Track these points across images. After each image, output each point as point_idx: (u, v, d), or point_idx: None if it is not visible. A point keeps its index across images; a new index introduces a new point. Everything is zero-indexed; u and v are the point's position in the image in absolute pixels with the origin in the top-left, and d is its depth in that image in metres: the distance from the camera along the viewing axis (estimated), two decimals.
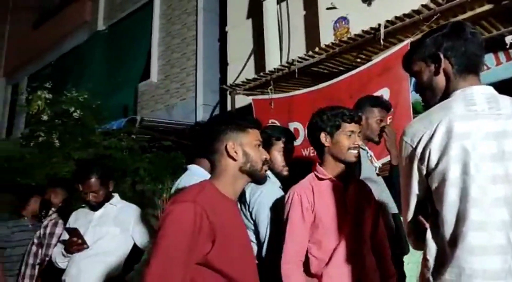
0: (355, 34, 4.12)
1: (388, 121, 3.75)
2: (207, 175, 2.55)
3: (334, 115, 2.06)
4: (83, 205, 2.87)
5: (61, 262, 2.66)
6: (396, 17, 3.82)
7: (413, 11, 3.73)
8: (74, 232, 2.56)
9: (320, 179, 2.06)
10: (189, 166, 2.61)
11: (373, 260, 2.06)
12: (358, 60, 4.54)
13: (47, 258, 3.29)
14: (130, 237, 2.69)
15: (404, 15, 3.79)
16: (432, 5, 3.66)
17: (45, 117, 5.57)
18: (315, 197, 1.99)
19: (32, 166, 5.28)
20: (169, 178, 6.01)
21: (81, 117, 5.67)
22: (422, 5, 3.68)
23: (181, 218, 1.46)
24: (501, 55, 4.36)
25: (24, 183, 5.46)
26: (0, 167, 5.65)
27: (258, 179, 1.69)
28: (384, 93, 3.87)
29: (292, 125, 4.53)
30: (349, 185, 2.06)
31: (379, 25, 3.89)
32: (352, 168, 2.18)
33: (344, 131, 2.04)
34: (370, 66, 4.07)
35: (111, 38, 10.14)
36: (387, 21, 3.86)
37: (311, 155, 4.32)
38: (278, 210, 2.23)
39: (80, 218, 2.73)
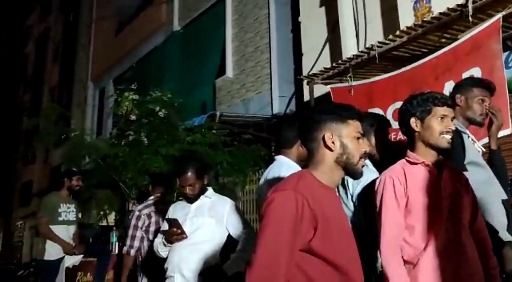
0: (439, 13, 3.91)
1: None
2: (294, 165, 2.59)
3: (424, 100, 1.99)
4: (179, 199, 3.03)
5: (162, 251, 2.84)
6: None
7: None
8: (174, 223, 2.72)
9: (412, 163, 2.00)
10: (277, 157, 2.65)
11: (475, 249, 1.96)
12: (443, 40, 4.32)
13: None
14: (225, 228, 2.80)
15: None
16: None
17: (133, 117, 5.93)
18: (407, 181, 1.94)
19: (125, 163, 5.65)
20: (250, 170, 6.14)
21: (165, 116, 5.95)
22: None
23: (283, 206, 1.50)
24: None
25: (117, 179, 5.87)
26: (97, 165, 6.11)
27: (352, 172, 1.66)
28: (475, 72, 3.66)
29: (373, 111, 4.42)
30: (443, 170, 1.98)
31: (467, 0, 3.67)
32: (446, 154, 2.08)
33: (436, 115, 1.97)
34: (457, 45, 3.86)
35: (186, 38, 10.52)
36: None
37: (392, 140, 4.20)
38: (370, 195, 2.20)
39: (178, 210, 2.89)
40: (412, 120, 2.02)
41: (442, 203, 1.92)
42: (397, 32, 4.23)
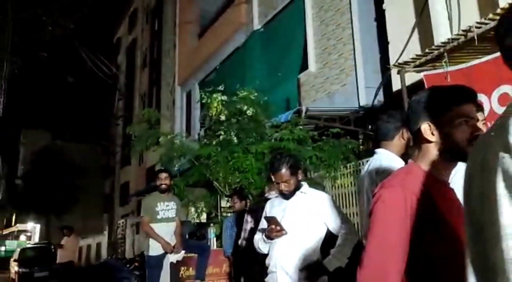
0: None
1: None
2: (395, 157, 2.50)
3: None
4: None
5: (263, 247, 2.89)
6: None
7: None
8: (272, 220, 2.75)
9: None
10: (377, 150, 2.58)
11: None
12: None
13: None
14: (323, 223, 2.78)
15: None
16: None
17: (223, 118, 6.11)
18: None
19: (217, 162, 5.85)
20: (340, 163, 6.06)
21: (253, 114, 6.06)
22: None
23: (391, 203, 1.45)
24: None
25: (211, 178, 6.09)
26: (192, 165, 6.39)
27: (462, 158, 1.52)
28: None
29: None
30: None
31: None
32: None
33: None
34: None
35: (267, 36, 10.61)
36: None
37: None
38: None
39: (275, 206, 2.92)
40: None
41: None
42: (498, 10, 3.91)
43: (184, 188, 6.13)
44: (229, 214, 6.72)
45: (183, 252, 5.13)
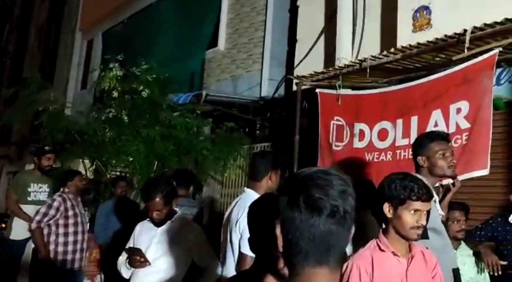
0: (436, 38, 3.78)
1: (464, 138, 3.52)
2: None
3: (402, 187, 1.93)
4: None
5: (125, 272, 2.83)
6: (485, 24, 3.46)
7: (507, 19, 3.35)
8: (136, 252, 2.69)
9: (382, 250, 1.98)
10: (246, 189, 2.79)
11: None
12: (437, 59, 4.21)
13: None
14: (190, 255, 2.78)
15: (496, 23, 3.41)
16: None
17: (115, 94, 5.77)
18: (374, 270, 1.92)
19: (103, 142, 5.54)
20: (231, 158, 6.11)
21: (149, 95, 5.81)
22: None
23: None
24: None
25: (95, 156, 5.77)
26: (73, 139, 5.88)
27: None
28: (463, 106, 3.60)
29: (358, 127, 4.37)
30: (412, 259, 1.96)
31: (465, 30, 3.54)
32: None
33: (409, 208, 1.92)
34: (449, 74, 3.77)
35: (182, 1, 10.09)
36: (475, 27, 3.50)
37: (375, 160, 4.18)
38: None
39: (143, 232, 2.85)
40: (386, 205, 1.98)
41: None
42: (392, 50, 4.10)
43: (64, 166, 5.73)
44: None
45: None
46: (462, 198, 4.25)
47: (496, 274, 3.06)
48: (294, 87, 6.50)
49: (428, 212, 1.96)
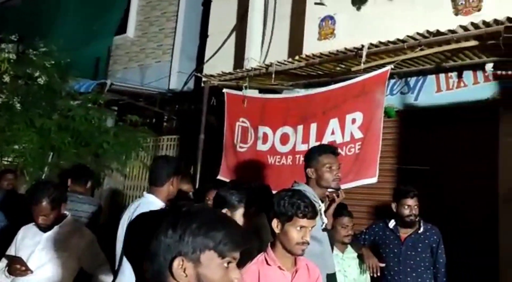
0: (337, 50, 3.98)
1: (357, 147, 3.74)
2: (157, 205, 2.61)
3: (290, 205, 2.01)
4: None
5: (3, 280, 2.62)
6: (380, 42, 3.71)
7: (398, 39, 3.62)
8: (16, 260, 2.51)
9: (269, 264, 2.05)
10: (146, 194, 2.76)
11: None
12: (338, 68, 4.44)
13: None
14: (77, 261, 2.65)
15: (389, 41, 3.68)
16: (418, 37, 3.56)
17: (6, 79, 5.28)
18: None
19: None
20: (134, 152, 5.93)
21: (46, 83, 5.40)
22: (408, 36, 3.57)
23: None
24: (480, 76, 4.34)
25: None
26: None
27: None
28: (357, 117, 3.84)
29: (262, 130, 4.47)
30: (297, 272, 2.06)
31: (362, 46, 3.77)
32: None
33: (295, 225, 2.01)
34: (347, 85, 3.99)
35: None
36: (371, 44, 3.74)
37: (277, 163, 4.31)
38: None
39: (27, 237, 2.66)
40: (275, 221, 2.06)
41: None
42: (297, 57, 4.24)
43: None
44: None
45: None
46: (355, 198, 4.60)
47: (375, 275, 3.33)
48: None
49: (312, 227, 2.07)
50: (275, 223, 2.05)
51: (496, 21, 3.24)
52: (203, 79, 5.16)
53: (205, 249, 1.14)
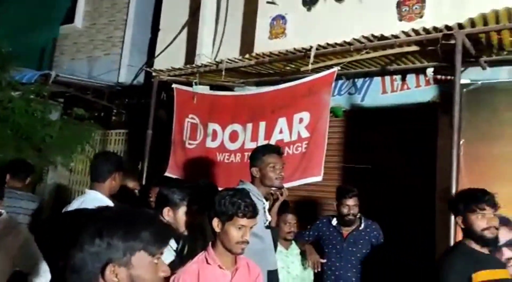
0: (286, 50, 4.03)
1: (304, 146, 3.81)
2: (102, 200, 2.61)
3: (231, 204, 2.02)
4: None
5: None
6: (328, 44, 3.79)
7: (345, 42, 3.72)
8: None
9: (209, 263, 2.05)
10: (88, 191, 2.76)
11: None
12: (288, 68, 4.50)
13: None
14: (11, 262, 2.54)
15: (336, 43, 3.77)
16: (363, 40, 3.67)
17: None
18: None
19: None
20: (78, 147, 5.75)
21: None
22: (355, 39, 3.68)
23: None
24: (421, 79, 4.54)
25: None
26: None
27: None
28: (305, 117, 3.90)
29: (212, 127, 4.46)
30: (237, 271, 2.08)
31: (311, 47, 3.84)
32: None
33: (235, 224, 2.03)
34: (296, 85, 4.05)
35: None
36: (319, 45, 3.82)
37: (225, 161, 4.31)
38: None
39: None
40: (215, 220, 2.06)
41: None
42: (247, 55, 4.26)
43: None
44: None
45: None
46: (300, 195, 4.70)
47: (316, 271, 3.43)
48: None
49: (252, 227, 2.09)
50: (215, 222, 2.06)
51: (435, 29, 3.40)
52: (153, 74, 5.07)
53: (135, 251, 1.15)
